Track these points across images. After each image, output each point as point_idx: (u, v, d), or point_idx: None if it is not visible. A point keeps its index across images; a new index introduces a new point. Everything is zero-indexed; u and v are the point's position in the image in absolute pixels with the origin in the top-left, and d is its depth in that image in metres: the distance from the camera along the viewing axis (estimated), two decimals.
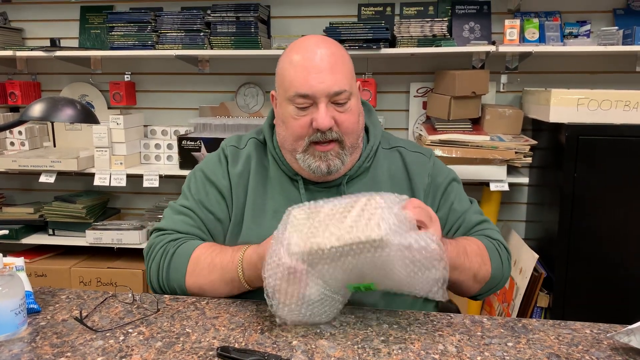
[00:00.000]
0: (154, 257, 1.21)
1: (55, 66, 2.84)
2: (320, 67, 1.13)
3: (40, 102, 1.11)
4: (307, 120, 1.15)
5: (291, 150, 1.20)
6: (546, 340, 0.97)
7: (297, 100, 1.14)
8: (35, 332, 1.00)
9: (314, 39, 1.20)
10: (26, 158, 2.53)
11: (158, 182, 2.51)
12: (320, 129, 1.13)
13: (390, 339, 0.96)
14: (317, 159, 1.17)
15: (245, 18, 2.44)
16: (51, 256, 2.74)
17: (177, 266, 1.17)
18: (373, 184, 1.25)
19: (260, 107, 2.75)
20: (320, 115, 1.13)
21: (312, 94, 1.13)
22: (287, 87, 1.16)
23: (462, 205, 1.29)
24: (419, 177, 1.27)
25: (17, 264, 1.11)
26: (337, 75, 1.14)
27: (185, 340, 0.96)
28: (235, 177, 1.27)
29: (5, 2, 2.86)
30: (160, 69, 2.81)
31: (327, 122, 1.13)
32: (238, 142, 1.32)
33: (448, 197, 1.29)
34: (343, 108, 1.16)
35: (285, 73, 1.17)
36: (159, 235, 1.25)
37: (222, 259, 1.13)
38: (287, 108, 1.17)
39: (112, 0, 2.79)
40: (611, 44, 2.24)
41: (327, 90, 1.13)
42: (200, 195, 1.27)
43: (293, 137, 1.17)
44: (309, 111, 1.15)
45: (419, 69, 2.64)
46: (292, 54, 1.18)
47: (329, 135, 1.15)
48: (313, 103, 1.14)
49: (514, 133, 2.40)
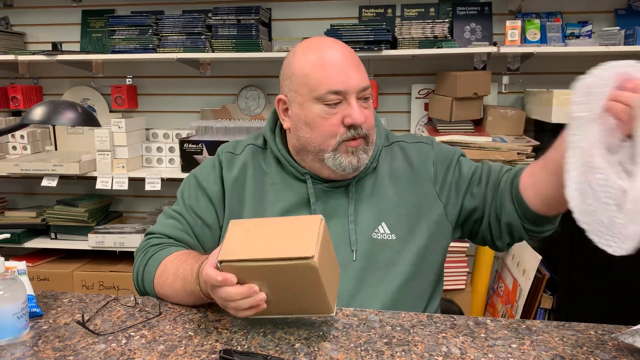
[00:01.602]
0: (137, 259, 1.23)
1: (57, 70, 2.85)
2: (347, 64, 1.15)
3: (41, 105, 1.11)
4: (338, 118, 1.15)
5: (317, 151, 1.18)
6: (550, 342, 0.96)
7: (329, 97, 1.13)
8: (37, 335, 0.99)
9: (326, 39, 1.21)
10: (28, 162, 2.53)
11: (160, 185, 2.51)
12: (356, 123, 1.13)
13: (394, 341, 0.96)
14: (350, 155, 1.16)
15: (247, 21, 2.45)
16: (53, 260, 2.75)
17: (149, 271, 1.18)
18: (377, 183, 1.25)
19: (262, 110, 2.75)
20: (355, 111, 1.13)
21: (345, 89, 1.13)
22: (315, 86, 1.14)
23: (475, 167, 1.27)
24: (424, 169, 1.25)
25: (19, 267, 1.11)
26: (361, 71, 1.17)
27: (188, 344, 0.95)
28: (230, 182, 1.26)
29: (7, 7, 2.87)
30: (161, 72, 2.82)
31: (363, 117, 1.14)
32: (234, 148, 1.31)
33: (461, 172, 1.26)
34: (367, 103, 1.18)
35: (309, 73, 1.15)
36: (148, 238, 1.26)
37: (185, 269, 1.10)
38: (314, 108, 1.15)
39: (113, 4, 2.80)
40: (613, 44, 2.24)
41: (358, 85, 1.14)
42: (191, 201, 1.28)
43: (323, 136, 1.16)
44: (339, 108, 1.14)
45: (421, 70, 2.64)
46: (308, 55, 1.17)
47: (360, 132, 1.15)
48: (343, 99, 1.14)
49: (516, 134, 2.40)
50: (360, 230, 1.20)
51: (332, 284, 0.96)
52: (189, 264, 1.09)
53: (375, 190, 1.24)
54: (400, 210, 1.22)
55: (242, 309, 0.92)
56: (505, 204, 1.18)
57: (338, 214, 1.21)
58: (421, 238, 1.21)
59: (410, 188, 1.24)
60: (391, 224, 1.21)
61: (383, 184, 1.24)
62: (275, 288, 0.91)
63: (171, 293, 1.13)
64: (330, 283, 0.94)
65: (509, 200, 1.18)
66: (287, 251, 0.87)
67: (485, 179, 1.23)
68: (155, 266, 1.17)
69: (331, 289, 0.94)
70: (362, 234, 1.20)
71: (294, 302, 0.94)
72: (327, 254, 0.93)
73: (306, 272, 0.88)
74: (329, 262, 0.94)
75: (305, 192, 1.23)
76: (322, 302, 0.93)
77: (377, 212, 1.21)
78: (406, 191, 1.23)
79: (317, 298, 0.93)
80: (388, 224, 1.21)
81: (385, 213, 1.21)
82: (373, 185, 1.24)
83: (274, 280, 0.90)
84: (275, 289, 0.92)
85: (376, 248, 1.19)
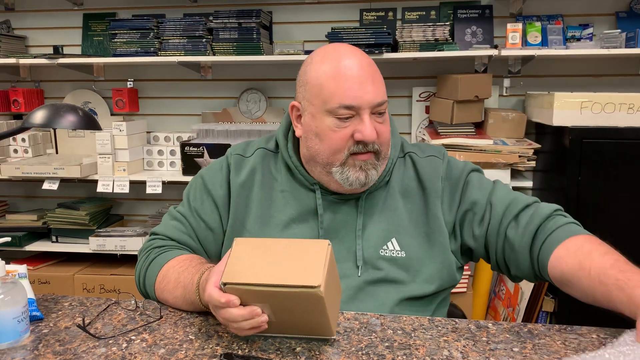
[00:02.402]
0: (140, 259, 1.23)
1: (58, 73, 2.85)
2: (363, 77, 1.10)
3: (42, 108, 1.11)
4: (348, 132, 1.11)
5: (325, 164, 1.15)
6: (552, 345, 0.95)
7: (340, 111, 1.10)
8: (37, 339, 0.99)
9: (344, 48, 1.15)
10: (29, 165, 2.53)
11: (161, 188, 2.51)
12: (366, 140, 1.10)
13: (395, 344, 0.95)
14: (358, 169, 1.13)
15: (248, 24, 2.45)
16: (54, 263, 2.74)
17: (150, 275, 1.18)
18: (388, 197, 1.21)
19: (263, 113, 2.75)
20: (366, 127, 1.09)
21: (358, 105, 1.09)
22: (328, 99, 1.11)
23: (483, 193, 1.19)
24: (432, 185, 1.20)
25: (19, 271, 1.11)
26: (378, 85, 1.12)
27: (189, 347, 0.95)
28: (237, 186, 1.24)
29: (8, 10, 2.88)
30: (162, 75, 2.82)
31: (374, 135, 1.10)
32: (244, 150, 1.28)
33: (465, 192, 1.20)
34: (382, 118, 1.13)
35: (323, 84, 1.11)
36: (152, 239, 1.26)
37: (185, 278, 1.08)
38: (325, 120, 1.12)
39: (114, 7, 2.80)
40: (614, 47, 2.24)
41: (372, 101, 1.10)
42: (196, 203, 1.26)
43: (331, 150, 1.13)
44: (350, 122, 1.11)
45: (422, 73, 2.64)
46: (325, 64, 1.13)
47: (370, 147, 1.12)
48: (355, 114, 1.11)
49: (518, 137, 2.40)
50: (368, 246, 1.17)
51: (335, 307, 0.96)
52: (190, 273, 1.08)
53: (386, 205, 1.20)
54: (410, 227, 1.19)
55: (244, 329, 0.91)
56: (521, 266, 1.13)
57: (346, 227, 1.19)
58: (431, 260, 1.18)
59: (420, 207, 1.20)
60: (401, 241, 1.18)
61: (394, 199, 1.21)
62: (278, 311, 0.91)
63: (171, 299, 1.12)
64: (333, 307, 0.94)
65: (529, 269, 1.12)
66: (293, 278, 0.87)
67: (487, 219, 1.17)
68: (157, 270, 1.16)
69: (334, 313, 0.94)
70: (369, 250, 1.17)
71: (296, 324, 0.95)
72: (332, 281, 0.92)
73: (311, 300, 0.87)
74: (334, 287, 0.94)
75: (313, 202, 1.20)
76: (324, 326, 0.93)
77: (387, 227, 1.18)
78: (416, 209, 1.20)
79: (320, 322, 0.92)
80: (398, 240, 1.18)
81: (396, 229, 1.18)
82: (384, 200, 1.21)
83: (277, 304, 0.90)
84: (278, 312, 0.92)
85: (382, 264, 1.17)
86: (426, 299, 1.19)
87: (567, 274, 1.04)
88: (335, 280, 0.95)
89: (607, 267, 0.97)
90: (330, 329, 0.93)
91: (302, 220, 1.20)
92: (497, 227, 1.16)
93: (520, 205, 1.16)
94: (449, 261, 1.19)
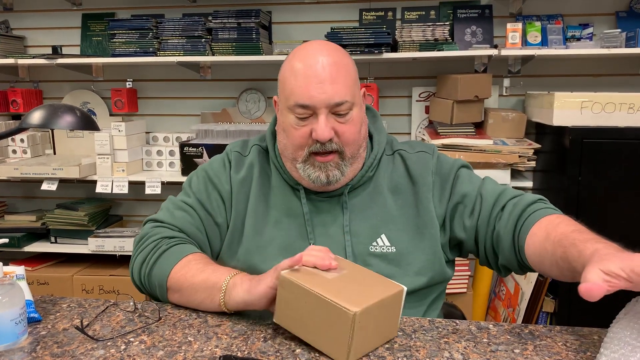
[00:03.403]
0: (144, 248, 1.17)
1: (57, 74, 2.84)
2: (322, 76, 1.10)
3: (39, 109, 1.10)
4: (307, 130, 1.12)
5: (291, 159, 1.18)
6: (553, 347, 0.95)
7: (297, 110, 1.12)
8: (35, 341, 0.98)
9: (317, 46, 1.16)
10: (28, 166, 2.52)
11: (160, 188, 2.51)
12: (319, 140, 1.11)
13: (395, 346, 0.95)
14: (317, 169, 1.14)
15: (247, 24, 2.44)
16: (53, 264, 2.74)
17: (164, 264, 1.13)
18: (375, 193, 1.22)
19: (262, 113, 2.75)
20: (320, 127, 1.10)
21: (312, 104, 1.10)
22: (288, 96, 1.13)
23: (473, 185, 1.21)
24: (423, 179, 1.21)
25: (17, 272, 1.11)
26: (338, 85, 1.11)
27: (187, 349, 0.95)
28: (237, 183, 1.25)
29: (7, 10, 2.87)
30: (161, 75, 2.81)
31: (327, 134, 1.10)
32: (243, 149, 1.30)
33: (455, 186, 1.21)
34: (344, 119, 1.13)
35: (286, 81, 1.14)
36: (156, 227, 1.22)
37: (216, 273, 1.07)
38: (288, 117, 1.14)
39: (113, 7, 2.79)
40: (614, 46, 2.24)
41: (327, 101, 1.10)
42: (201, 196, 1.25)
43: (293, 146, 1.15)
44: (309, 121, 1.12)
45: (421, 73, 2.63)
46: (294, 61, 1.14)
47: (328, 147, 1.12)
48: (313, 113, 1.12)
49: (518, 137, 2.39)
50: (357, 242, 1.18)
51: (365, 344, 0.91)
52: (219, 272, 1.08)
53: (373, 201, 1.21)
54: (401, 222, 1.19)
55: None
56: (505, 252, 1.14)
57: (334, 223, 1.20)
58: (422, 252, 1.18)
59: (411, 200, 1.21)
60: (391, 236, 1.18)
61: (382, 195, 1.21)
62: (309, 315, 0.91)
63: (186, 297, 1.09)
64: (362, 342, 0.90)
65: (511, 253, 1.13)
66: (341, 298, 0.88)
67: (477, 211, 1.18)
68: (178, 258, 1.12)
69: (359, 346, 0.90)
70: (358, 246, 1.18)
71: (317, 334, 0.92)
72: (377, 319, 0.91)
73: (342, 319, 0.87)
74: (374, 326, 0.91)
75: (298, 202, 1.22)
76: (340, 350, 0.89)
77: (375, 223, 1.19)
78: (407, 203, 1.21)
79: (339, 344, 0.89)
80: (388, 236, 1.18)
81: (385, 224, 1.19)
82: (371, 196, 1.21)
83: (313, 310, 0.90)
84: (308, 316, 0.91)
85: (373, 261, 1.17)
86: (418, 293, 1.19)
87: (538, 247, 1.06)
88: (385, 323, 0.94)
89: (568, 232, 1.00)
90: (345, 356, 0.89)
91: (292, 216, 1.22)
92: (487, 218, 1.17)
93: (508, 196, 1.17)
94: (440, 253, 1.19)
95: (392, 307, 0.94)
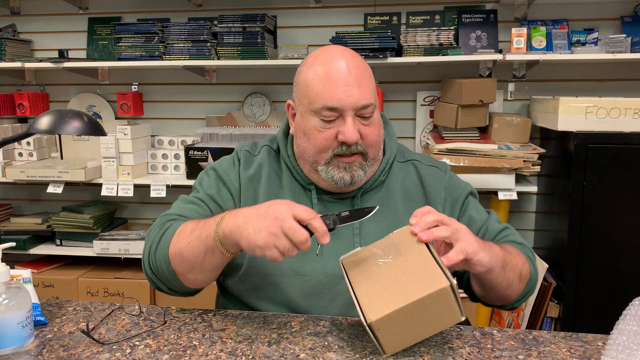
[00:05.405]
0: (152, 233, 1.18)
1: (63, 77, 2.86)
2: (349, 79, 1.13)
3: (47, 114, 1.11)
4: (333, 132, 1.14)
5: (312, 162, 1.19)
6: (558, 353, 0.95)
7: (324, 112, 1.13)
8: (42, 344, 0.99)
9: (337, 50, 1.18)
10: (34, 169, 2.54)
11: (165, 192, 2.52)
12: (348, 142, 1.13)
13: (399, 352, 0.95)
14: (342, 170, 1.16)
15: (252, 28, 2.45)
16: (59, 266, 2.75)
17: (166, 238, 1.12)
18: (387, 197, 1.24)
19: (267, 117, 2.75)
20: (348, 129, 1.12)
21: (341, 107, 1.12)
22: (313, 99, 1.14)
23: (480, 215, 1.27)
24: (435, 191, 1.25)
25: (24, 276, 1.11)
26: (364, 88, 1.14)
27: (192, 353, 0.95)
28: (246, 180, 1.26)
29: (14, 15, 2.89)
30: (167, 79, 2.83)
31: (356, 136, 1.13)
32: (252, 149, 1.32)
33: (466, 210, 1.27)
34: (368, 121, 1.15)
35: (310, 85, 1.15)
36: (164, 220, 1.22)
37: (205, 222, 1.08)
38: (311, 120, 1.16)
39: (119, 11, 2.81)
40: (619, 51, 2.23)
41: (355, 103, 1.12)
42: (211, 191, 1.26)
43: (316, 149, 1.16)
44: (335, 124, 1.14)
45: (426, 77, 2.64)
46: (316, 65, 1.16)
47: (354, 149, 1.14)
48: (339, 116, 1.14)
49: (522, 141, 2.39)
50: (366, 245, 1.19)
51: (407, 335, 0.93)
52: (210, 220, 1.07)
53: (384, 205, 1.23)
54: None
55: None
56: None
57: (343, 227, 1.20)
58: None
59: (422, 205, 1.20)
60: None
61: (393, 200, 1.24)
62: (414, 320, 0.91)
63: (185, 244, 1.07)
64: (404, 334, 0.92)
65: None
66: (420, 290, 0.90)
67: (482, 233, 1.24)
68: (174, 230, 1.12)
69: (403, 337, 0.92)
70: None
71: (426, 326, 0.92)
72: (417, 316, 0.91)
73: (440, 300, 0.89)
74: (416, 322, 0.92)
75: (310, 202, 1.23)
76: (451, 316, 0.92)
77: (386, 227, 1.20)
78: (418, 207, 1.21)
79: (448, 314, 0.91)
80: None
81: (395, 229, 1.19)
82: (382, 200, 1.23)
83: (414, 315, 0.91)
84: (414, 322, 0.91)
85: None
86: None
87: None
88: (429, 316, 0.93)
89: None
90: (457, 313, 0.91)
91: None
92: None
93: (514, 235, 1.26)
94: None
95: (432, 304, 0.90)
